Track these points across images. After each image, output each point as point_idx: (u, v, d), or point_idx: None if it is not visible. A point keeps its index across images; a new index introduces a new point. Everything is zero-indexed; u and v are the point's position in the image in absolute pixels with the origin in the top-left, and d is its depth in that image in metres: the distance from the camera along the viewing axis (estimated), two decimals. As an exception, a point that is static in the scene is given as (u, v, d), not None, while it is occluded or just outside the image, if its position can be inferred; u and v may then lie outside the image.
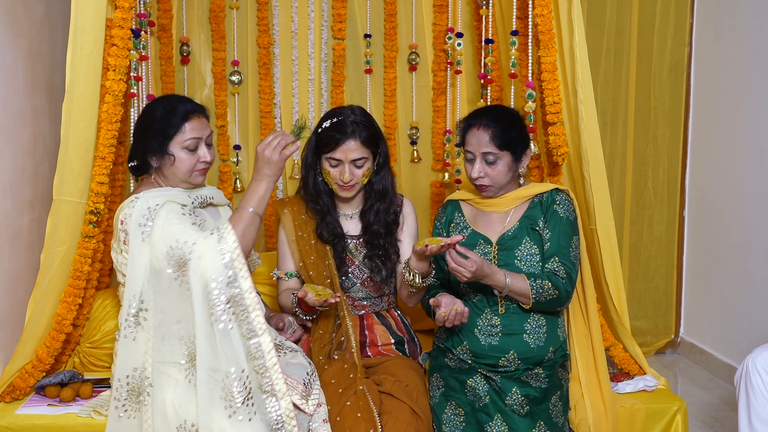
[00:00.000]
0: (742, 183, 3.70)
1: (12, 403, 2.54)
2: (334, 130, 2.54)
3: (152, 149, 2.37)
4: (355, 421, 2.24)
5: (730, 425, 3.30)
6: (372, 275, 2.63)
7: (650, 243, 4.11)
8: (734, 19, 3.74)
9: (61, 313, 2.59)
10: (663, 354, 4.22)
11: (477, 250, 2.50)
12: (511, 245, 2.49)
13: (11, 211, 2.66)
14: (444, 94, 3.53)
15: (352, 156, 2.53)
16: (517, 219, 2.53)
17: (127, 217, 2.30)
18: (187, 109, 2.38)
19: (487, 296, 2.49)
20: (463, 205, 2.65)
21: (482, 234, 2.54)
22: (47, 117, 2.94)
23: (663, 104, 4.03)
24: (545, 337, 2.47)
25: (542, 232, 2.49)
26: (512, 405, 2.35)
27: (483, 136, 2.47)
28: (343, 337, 2.56)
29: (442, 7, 3.48)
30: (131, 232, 2.26)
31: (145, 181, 2.45)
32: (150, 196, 2.31)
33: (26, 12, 2.79)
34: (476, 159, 2.48)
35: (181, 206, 2.30)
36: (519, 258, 2.47)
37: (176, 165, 2.36)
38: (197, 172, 2.40)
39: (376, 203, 2.63)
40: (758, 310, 3.58)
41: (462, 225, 2.60)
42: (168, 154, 2.36)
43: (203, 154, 2.39)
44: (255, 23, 3.47)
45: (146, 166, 2.44)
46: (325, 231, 2.61)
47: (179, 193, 2.38)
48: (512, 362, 2.43)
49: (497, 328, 2.46)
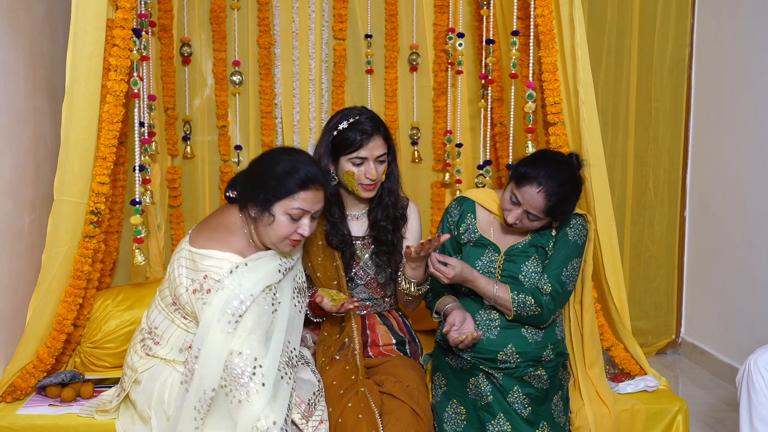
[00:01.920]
0: (742, 183, 3.70)
1: (13, 404, 2.54)
2: (355, 129, 2.50)
3: (257, 200, 2.21)
4: (357, 422, 2.24)
5: (730, 426, 3.30)
6: (376, 275, 2.62)
7: (651, 243, 4.11)
8: (735, 20, 3.74)
9: (62, 313, 2.60)
10: (664, 354, 4.22)
11: (484, 256, 2.49)
12: (518, 259, 2.47)
13: (12, 211, 2.66)
14: (445, 94, 3.53)
15: (378, 152, 2.52)
16: (529, 233, 2.51)
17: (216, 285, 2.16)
18: (308, 177, 2.21)
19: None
20: (480, 210, 2.59)
21: (491, 241, 2.52)
22: (48, 117, 2.94)
23: (664, 104, 4.03)
24: (543, 332, 2.46)
25: (549, 250, 2.48)
26: (514, 404, 2.35)
27: (538, 201, 2.35)
28: (346, 339, 2.56)
29: (442, 8, 3.48)
30: (214, 317, 2.13)
31: (236, 226, 2.28)
32: (246, 275, 2.17)
33: (27, 12, 2.79)
34: (520, 209, 2.39)
35: (272, 295, 2.22)
36: (524, 273, 2.45)
37: (273, 227, 2.20)
38: (288, 242, 2.25)
39: (385, 198, 2.61)
40: (759, 311, 3.57)
41: (471, 229, 2.55)
42: (270, 213, 2.20)
43: (303, 227, 2.23)
44: (256, 23, 3.48)
45: (243, 208, 2.28)
46: (335, 239, 2.59)
47: (271, 261, 2.26)
48: (510, 356, 2.42)
49: (496, 322, 2.45)
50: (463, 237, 2.56)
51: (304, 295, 2.45)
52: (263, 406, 2.09)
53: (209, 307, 2.14)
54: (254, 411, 2.09)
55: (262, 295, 2.19)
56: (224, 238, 2.24)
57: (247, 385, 2.10)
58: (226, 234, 2.26)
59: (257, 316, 2.16)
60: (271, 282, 2.23)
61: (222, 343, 2.12)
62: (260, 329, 2.16)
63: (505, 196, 2.44)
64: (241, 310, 2.14)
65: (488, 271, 2.48)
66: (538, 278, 2.44)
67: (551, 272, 2.44)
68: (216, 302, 2.14)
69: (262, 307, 2.19)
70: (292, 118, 3.52)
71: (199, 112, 3.51)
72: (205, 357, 2.12)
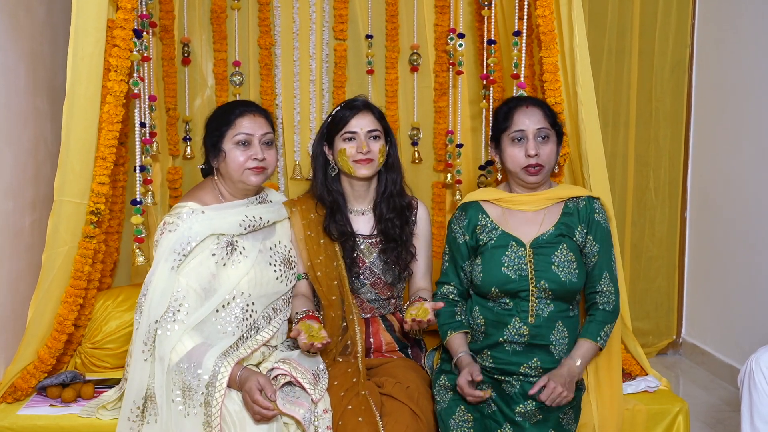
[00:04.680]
0: (743, 183, 3.70)
1: (14, 404, 2.54)
2: (345, 109, 2.57)
3: (208, 147, 2.43)
4: (357, 425, 2.23)
5: (731, 426, 3.30)
6: (384, 275, 2.60)
7: (652, 244, 4.11)
8: (736, 20, 3.74)
9: (63, 314, 2.60)
10: (665, 355, 4.22)
11: (509, 252, 2.41)
12: (548, 251, 2.39)
13: (13, 211, 2.66)
14: (446, 94, 3.53)
15: (368, 126, 2.53)
16: (552, 224, 2.44)
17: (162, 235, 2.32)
18: (241, 105, 2.45)
19: (518, 302, 2.38)
20: (487, 206, 2.51)
21: (513, 235, 2.43)
22: (49, 118, 2.94)
23: (664, 105, 4.03)
24: (567, 348, 2.39)
25: (583, 242, 2.43)
26: (523, 413, 2.30)
27: (536, 113, 2.42)
28: (349, 341, 2.55)
29: (443, 8, 3.47)
30: (162, 255, 2.28)
31: (206, 183, 2.48)
32: (200, 220, 2.32)
33: (27, 13, 2.79)
34: (530, 138, 2.39)
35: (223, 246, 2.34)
36: (556, 264, 2.38)
37: (228, 162, 2.38)
38: (249, 171, 2.39)
39: (390, 187, 2.61)
40: (760, 311, 3.57)
41: (490, 227, 2.47)
42: (221, 150, 2.38)
43: (256, 152, 2.38)
44: (256, 24, 3.47)
45: (210, 168, 2.48)
46: (334, 228, 2.57)
47: (233, 215, 2.39)
48: (534, 370, 2.35)
49: (525, 337, 2.36)
50: (481, 239, 2.46)
51: (288, 266, 2.51)
52: (177, 339, 2.22)
53: (160, 246, 2.30)
54: (170, 342, 2.21)
55: (208, 240, 2.32)
56: (192, 193, 2.44)
57: (172, 319, 2.24)
58: (195, 190, 2.45)
59: (199, 261, 2.29)
60: (224, 232, 2.35)
61: (167, 279, 2.25)
62: (194, 273, 2.28)
63: (512, 151, 2.42)
64: (186, 250, 2.27)
65: (519, 268, 2.38)
66: (574, 267, 2.38)
67: (608, 269, 2.43)
68: (166, 242, 2.29)
69: (207, 253, 2.31)
70: (293, 119, 3.52)
71: (199, 112, 3.51)
72: (152, 292, 2.25)
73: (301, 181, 3.48)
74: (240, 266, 2.37)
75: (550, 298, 2.37)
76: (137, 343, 2.27)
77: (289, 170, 3.52)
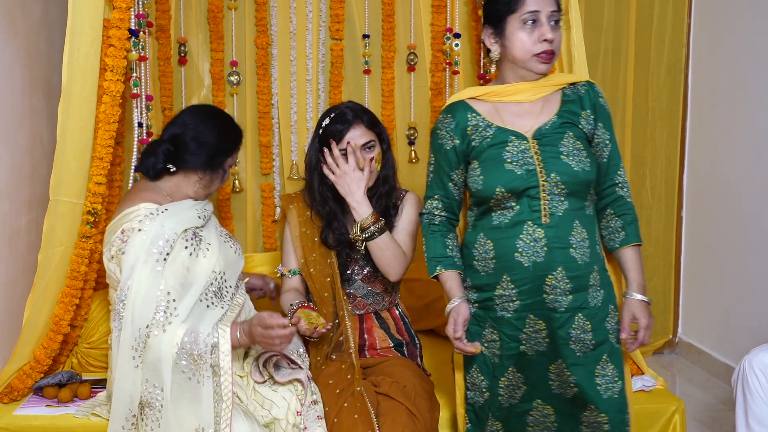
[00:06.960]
0: (739, 183, 3.71)
1: (10, 404, 2.54)
2: (336, 122, 2.54)
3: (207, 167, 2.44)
4: (353, 423, 2.24)
5: (728, 425, 3.30)
6: (374, 270, 2.60)
7: (648, 243, 4.11)
8: (732, 20, 3.74)
9: (59, 314, 2.59)
10: (661, 354, 4.22)
11: (510, 148, 2.15)
12: (553, 140, 2.14)
13: (9, 211, 2.66)
14: (442, 94, 3.53)
15: (361, 141, 2.52)
16: (553, 112, 2.19)
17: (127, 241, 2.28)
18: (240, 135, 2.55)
19: (528, 201, 2.11)
20: (475, 104, 2.22)
21: (511, 129, 2.17)
22: (45, 117, 2.94)
23: (661, 104, 4.03)
24: (589, 252, 2.13)
25: (591, 129, 2.20)
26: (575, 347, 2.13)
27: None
28: (341, 338, 2.55)
29: (440, 8, 3.48)
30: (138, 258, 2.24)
31: (146, 186, 2.40)
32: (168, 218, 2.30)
33: (24, 13, 2.79)
34: (543, 21, 2.11)
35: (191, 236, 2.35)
36: (565, 153, 2.12)
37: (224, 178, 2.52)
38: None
39: (380, 186, 2.59)
40: (756, 311, 3.58)
41: (483, 125, 2.19)
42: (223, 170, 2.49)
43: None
44: (253, 24, 3.47)
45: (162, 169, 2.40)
46: (331, 237, 2.59)
47: (189, 209, 2.39)
48: (560, 282, 2.09)
49: (541, 242, 2.09)
50: (474, 139, 2.20)
51: (236, 241, 2.55)
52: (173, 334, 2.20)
53: (130, 251, 2.24)
54: (168, 340, 2.19)
55: (182, 235, 2.32)
56: (135, 196, 2.38)
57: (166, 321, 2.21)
58: (137, 193, 2.39)
59: (172, 258, 2.28)
60: (191, 225, 2.35)
61: (151, 282, 2.21)
62: (170, 271, 2.26)
63: (521, 35, 2.14)
64: (168, 247, 2.26)
65: (525, 162, 2.12)
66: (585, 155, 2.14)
67: (618, 158, 2.22)
68: (139, 244, 2.24)
69: (179, 248, 2.30)
70: (290, 119, 3.52)
71: (196, 112, 3.51)
72: (134, 298, 2.20)
73: (298, 180, 3.49)
74: (209, 254, 2.38)
75: (563, 194, 2.12)
76: (124, 351, 2.21)
77: (286, 169, 3.52)
